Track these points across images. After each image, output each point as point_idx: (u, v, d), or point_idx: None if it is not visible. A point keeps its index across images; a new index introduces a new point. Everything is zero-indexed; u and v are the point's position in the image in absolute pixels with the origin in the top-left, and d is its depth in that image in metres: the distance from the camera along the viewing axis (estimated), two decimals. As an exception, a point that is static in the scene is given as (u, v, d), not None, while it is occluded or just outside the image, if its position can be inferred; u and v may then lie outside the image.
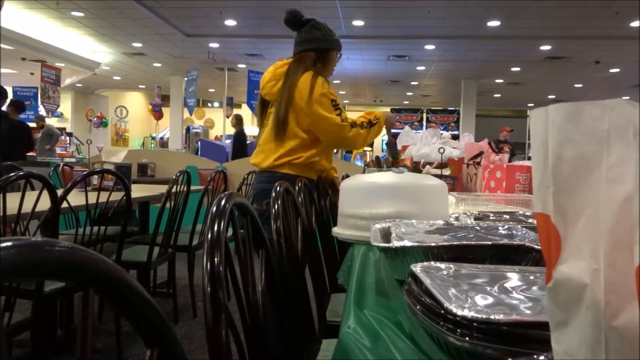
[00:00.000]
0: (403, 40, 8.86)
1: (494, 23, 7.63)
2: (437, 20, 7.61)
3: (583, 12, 6.89)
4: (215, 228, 0.77)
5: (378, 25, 8.08)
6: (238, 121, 8.19)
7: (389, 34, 8.55)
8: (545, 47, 8.88)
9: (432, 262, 0.75)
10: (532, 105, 16.33)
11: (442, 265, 0.73)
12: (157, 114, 12.12)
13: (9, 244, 0.32)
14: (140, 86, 15.56)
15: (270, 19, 7.81)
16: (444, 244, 0.84)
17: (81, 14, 7.82)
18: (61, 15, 7.91)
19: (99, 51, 10.50)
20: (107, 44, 9.81)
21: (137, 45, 9.79)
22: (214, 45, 9.84)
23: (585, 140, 0.38)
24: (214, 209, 0.83)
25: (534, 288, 0.67)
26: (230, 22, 8.23)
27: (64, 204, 2.12)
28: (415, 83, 12.98)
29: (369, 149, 16.28)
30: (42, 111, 9.28)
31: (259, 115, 2.38)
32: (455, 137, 9.24)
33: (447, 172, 2.51)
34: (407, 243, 0.87)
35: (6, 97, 5.91)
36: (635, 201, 0.34)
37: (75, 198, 2.39)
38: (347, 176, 3.36)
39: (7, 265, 0.30)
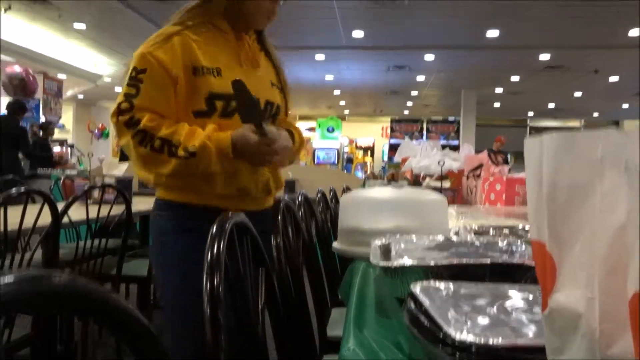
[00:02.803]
0: (402, 50, 8.90)
1: (492, 33, 7.67)
2: (436, 30, 7.65)
3: (581, 21, 6.92)
4: (215, 249, 0.77)
5: (377, 36, 8.12)
6: None
7: (389, 45, 8.59)
8: (544, 57, 8.91)
9: (432, 282, 0.75)
10: (532, 114, 16.36)
11: (442, 285, 0.73)
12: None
13: (11, 279, 0.32)
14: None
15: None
16: (443, 262, 0.84)
17: (83, 27, 7.87)
18: (63, 28, 7.96)
19: (100, 63, 10.56)
20: (109, 55, 9.86)
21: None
22: (214, 56, 9.88)
23: (578, 168, 0.38)
24: (214, 228, 0.83)
25: (534, 308, 0.68)
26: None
27: (65, 218, 2.12)
28: (415, 93, 13.02)
29: (370, 159, 16.30)
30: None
31: None
32: (456, 148, 9.20)
33: (447, 184, 2.52)
34: (406, 261, 0.87)
35: (25, 110, 6.33)
36: (627, 231, 0.34)
37: (76, 211, 2.39)
38: (348, 188, 3.37)
39: (7, 302, 0.31)
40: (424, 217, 1.37)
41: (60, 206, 2.07)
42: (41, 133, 7.21)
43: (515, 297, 0.72)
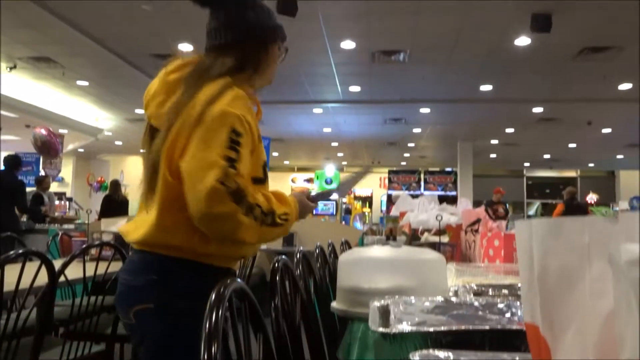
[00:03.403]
0: (399, 104, 9.09)
1: (486, 87, 7.86)
2: (431, 85, 7.85)
3: (572, 76, 7.12)
4: (214, 318, 0.77)
5: (374, 90, 8.31)
6: (111, 186, 8.44)
7: (385, 99, 8.78)
8: (538, 110, 9.11)
9: (431, 350, 0.75)
10: (528, 164, 16.52)
11: (441, 355, 0.73)
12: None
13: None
14: (141, 150, 15.77)
15: (275, 85, 8.03)
16: (442, 329, 0.84)
17: (86, 83, 8.05)
18: (66, 85, 8.15)
19: (101, 118, 10.74)
20: (110, 110, 10.05)
21: (140, 111, 10.03)
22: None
23: (567, 253, 0.39)
24: (213, 296, 0.84)
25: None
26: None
27: (62, 277, 2.11)
28: (412, 145, 13.19)
29: (368, 210, 16.30)
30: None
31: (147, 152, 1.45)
32: (454, 199, 9.20)
33: (445, 238, 2.52)
34: (405, 327, 0.87)
35: (20, 164, 6.39)
36: (616, 321, 0.35)
37: (74, 269, 2.37)
38: (347, 243, 3.36)
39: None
40: (423, 276, 1.37)
41: (57, 264, 2.06)
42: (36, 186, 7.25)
43: (516, 367, 0.72)
